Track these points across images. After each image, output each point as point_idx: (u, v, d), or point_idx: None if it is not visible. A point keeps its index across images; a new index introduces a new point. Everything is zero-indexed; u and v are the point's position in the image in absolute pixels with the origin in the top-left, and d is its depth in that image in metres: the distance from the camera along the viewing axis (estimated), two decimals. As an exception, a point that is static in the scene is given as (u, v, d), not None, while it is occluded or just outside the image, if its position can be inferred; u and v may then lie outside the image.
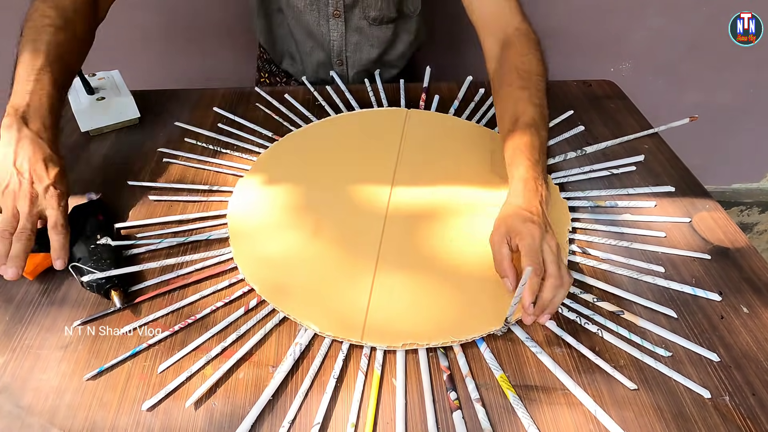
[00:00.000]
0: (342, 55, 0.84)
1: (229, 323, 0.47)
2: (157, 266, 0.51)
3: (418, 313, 0.48)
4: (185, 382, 0.42)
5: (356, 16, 0.79)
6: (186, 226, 0.57)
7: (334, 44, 0.82)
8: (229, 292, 0.50)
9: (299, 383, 0.43)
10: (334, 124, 0.72)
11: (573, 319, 0.48)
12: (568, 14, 1.14)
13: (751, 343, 0.46)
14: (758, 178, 1.51)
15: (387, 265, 0.52)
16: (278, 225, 0.56)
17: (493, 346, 0.46)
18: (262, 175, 0.62)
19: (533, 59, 0.62)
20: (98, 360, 0.44)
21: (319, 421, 0.40)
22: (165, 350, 0.45)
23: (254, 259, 0.52)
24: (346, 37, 0.81)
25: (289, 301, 0.48)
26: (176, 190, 0.61)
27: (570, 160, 0.67)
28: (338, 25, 0.79)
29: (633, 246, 0.55)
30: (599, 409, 0.41)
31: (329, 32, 0.80)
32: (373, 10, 0.78)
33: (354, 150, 0.66)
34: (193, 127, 0.71)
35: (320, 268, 0.52)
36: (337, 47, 0.82)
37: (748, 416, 0.41)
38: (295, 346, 0.45)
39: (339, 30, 0.80)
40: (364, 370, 0.44)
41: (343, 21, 0.79)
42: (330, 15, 0.78)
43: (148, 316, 0.47)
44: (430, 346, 0.45)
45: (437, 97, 0.78)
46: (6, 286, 0.49)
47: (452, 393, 0.42)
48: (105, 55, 1.08)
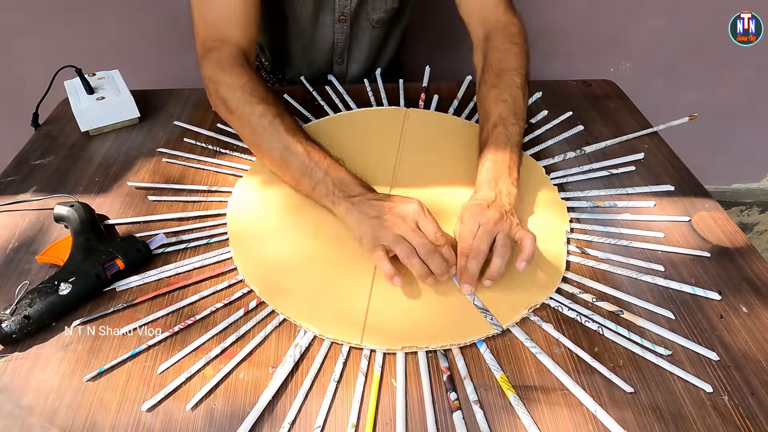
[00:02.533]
0: (344, 55, 0.84)
1: (228, 324, 0.47)
2: (156, 272, 0.51)
3: (418, 316, 0.48)
4: (185, 382, 0.42)
5: (361, 19, 0.80)
6: (186, 225, 0.57)
7: (337, 46, 0.82)
8: (229, 293, 0.50)
9: (299, 384, 0.43)
10: (333, 123, 0.72)
11: (573, 318, 0.48)
12: (569, 14, 1.14)
13: (751, 343, 0.46)
14: (758, 178, 1.51)
15: None
16: (278, 226, 0.56)
17: (493, 347, 0.46)
18: (261, 176, 0.62)
19: (509, 54, 0.65)
20: (98, 360, 0.44)
21: (319, 424, 0.40)
22: (165, 350, 0.45)
23: (253, 261, 0.52)
24: (349, 39, 0.82)
25: (288, 303, 0.48)
26: (176, 190, 0.61)
27: (569, 160, 0.67)
28: (343, 28, 0.80)
29: (632, 246, 0.55)
30: (599, 409, 0.41)
31: (333, 36, 0.81)
32: (377, 12, 0.79)
33: (353, 149, 0.66)
34: (193, 127, 0.71)
35: (320, 269, 0.52)
36: (340, 49, 0.83)
37: (747, 416, 0.41)
38: (295, 347, 0.45)
39: (344, 33, 0.81)
40: (364, 372, 0.44)
41: (348, 25, 0.80)
42: (335, 20, 0.79)
43: (147, 317, 0.47)
44: (429, 348, 0.45)
45: (436, 96, 0.78)
46: (6, 286, 0.50)
47: (452, 393, 0.42)
48: (105, 55, 1.09)
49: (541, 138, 0.71)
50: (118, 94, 0.70)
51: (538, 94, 0.79)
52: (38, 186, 0.61)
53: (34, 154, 0.66)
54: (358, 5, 0.77)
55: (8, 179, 0.62)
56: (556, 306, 0.49)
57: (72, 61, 0.69)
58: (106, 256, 0.49)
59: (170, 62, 1.13)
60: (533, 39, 1.14)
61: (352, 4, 0.76)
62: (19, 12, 1.00)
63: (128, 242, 0.51)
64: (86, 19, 1.04)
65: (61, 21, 1.03)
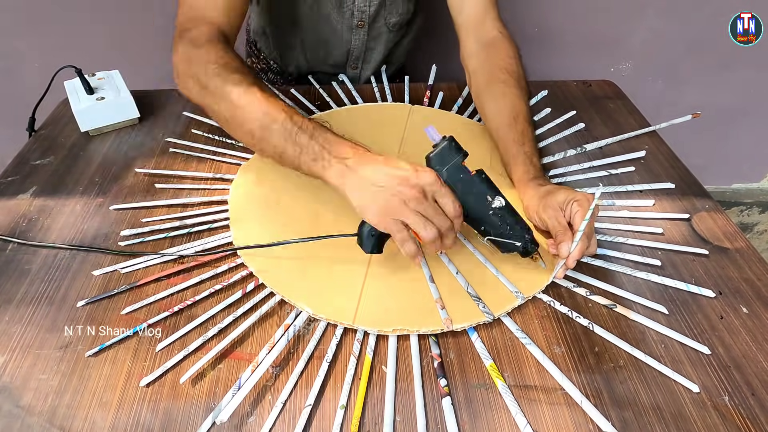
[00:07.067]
0: (359, 60, 0.84)
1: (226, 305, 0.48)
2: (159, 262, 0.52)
3: (411, 300, 0.49)
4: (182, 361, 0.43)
5: (378, 24, 0.80)
6: (189, 211, 0.58)
7: (353, 51, 0.82)
8: (228, 276, 0.51)
9: (293, 365, 0.43)
10: (337, 116, 0.73)
11: (573, 318, 0.48)
12: (569, 14, 1.14)
13: (751, 343, 0.46)
14: (758, 178, 1.51)
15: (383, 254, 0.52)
16: (278, 211, 0.57)
17: (492, 346, 0.46)
18: (263, 163, 0.63)
19: (518, 63, 0.67)
20: (98, 360, 0.44)
21: (310, 402, 0.41)
22: (165, 351, 0.45)
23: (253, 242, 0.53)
24: (366, 44, 0.82)
25: (284, 284, 0.49)
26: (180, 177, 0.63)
27: (569, 158, 0.68)
28: (360, 34, 0.80)
29: (631, 244, 0.55)
30: (599, 409, 0.41)
31: (351, 41, 0.81)
32: (395, 16, 0.79)
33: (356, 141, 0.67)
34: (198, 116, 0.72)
35: (317, 253, 0.53)
36: (356, 54, 0.83)
37: (748, 416, 0.41)
38: (289, 328, 0.46)
39: (361, 38, 0.81)
40: (356, 355, 0.44)
41: (366, 30, 0.80)
42: (354, 26, 0.79)
43: (149, 320, 0.47)
44: (420, 332, 0.46)
45: (441, 94, 0.79)
46: (6, 285, 0.50)
47: (442, 380, 0.43)
48: (105, 55, 1.09)
49: (542, 136, 0.72)
50: (118, 94, 0.70)
51: (543, 93, 0.80)
52: (38, 186, 0.61)
53: (34, 155, 0.66)
54: (377, 10, 0.77)
55: (8, 179, 0.62)
56: (548, 301, 0.50)
57: (72, 61, 0.69)
58: None
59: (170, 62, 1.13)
60: (534, 39, 1.15)
61: (371, 9, 0.76)
62: (19, 12, 1.00)
63: None
64: (86, 19, 1.03)
65: (61, 21, 1.03)
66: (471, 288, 0.49)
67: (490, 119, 0.64)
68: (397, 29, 0.81)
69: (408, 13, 0.80)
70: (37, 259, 0.52)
